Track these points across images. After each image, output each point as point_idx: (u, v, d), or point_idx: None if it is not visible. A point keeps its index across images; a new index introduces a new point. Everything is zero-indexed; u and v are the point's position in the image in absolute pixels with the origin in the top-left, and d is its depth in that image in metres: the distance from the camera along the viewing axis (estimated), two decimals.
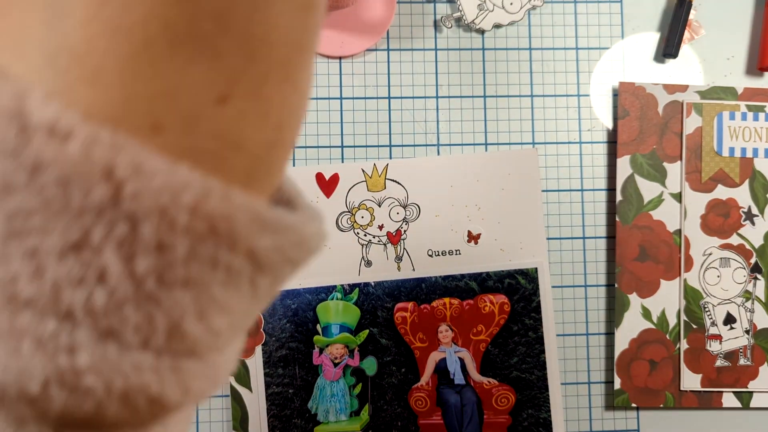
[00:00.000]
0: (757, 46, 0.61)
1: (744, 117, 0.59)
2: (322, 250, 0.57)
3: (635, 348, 0.58)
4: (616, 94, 0.60)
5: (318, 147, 0.58)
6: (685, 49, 0.60)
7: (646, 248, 0.58)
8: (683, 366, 0.58)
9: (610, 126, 0.60)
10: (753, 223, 0.59)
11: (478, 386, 0.58)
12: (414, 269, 0.58)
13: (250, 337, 0.57)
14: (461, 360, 0.58)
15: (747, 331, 0.59)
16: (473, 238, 0.58)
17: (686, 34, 0.60)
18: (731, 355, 0.59)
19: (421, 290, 0.58)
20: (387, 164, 0.58)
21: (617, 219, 0.58)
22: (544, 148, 0.59)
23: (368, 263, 0.58)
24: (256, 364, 0.57)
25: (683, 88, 0.59)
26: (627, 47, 0.60)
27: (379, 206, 0.58)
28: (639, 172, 0.58)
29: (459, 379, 0.58)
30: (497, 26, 0.59)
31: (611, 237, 0.59)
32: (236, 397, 0.57)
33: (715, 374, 0.59)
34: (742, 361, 0.59)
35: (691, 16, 0.59)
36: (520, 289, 0.58)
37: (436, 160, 0.58)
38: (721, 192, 0.59)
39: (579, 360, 0.59)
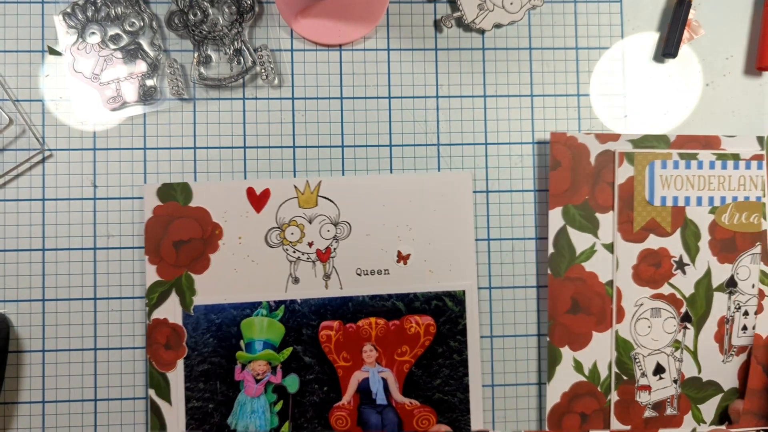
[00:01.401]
0: (755, 46, 0.61)
1: (676, 165, 0.58)
2: (249, 266, 0.56)
3: (566, 402, 0.58)
4: (545, 143, 0.59)
5: (318, 147, 0.58)
6: (684, 48, 0.60)
7: (579, 300, 0.58)
8: (613, 418, 0.58)
9: (609, 126, 0.60)
10: (684, 272, 0.58)
11: (399, 407, 0.57)
12: (342, 287, 0.57)
13: (173, 350, 0.56)
14: (384, 380, 0.57)
15: (675, 381, 0.58)
16: (403, 258, 0.57)
17: (686, 34, 0.60)
18: (659, 406, 0.59)
19: (348, 309, 0.57)
20: (320, 181, 0.57)
21: (549, 272, 0.57)
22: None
23: (296, 280, 0.57)
24: (177, 377, 0.56)
25: (615, 137, 0.58)
26: (627, 47, 0.60)
27: (310, 223, 0.57)
28: (571, 224, 0.58)
29: (381, 399, 0.57)
30: (497, 26, 0.59)
31: (543, 286, 0.59)
32: (155, 410, 0.56)
33: (643, 425, 0.58)
34: (669, 411, 0.59)
35: (690, 16, 0.60)
36: (446, 311, 0.57)
37: (369, 178, 0.58)
38: (654, 242, 0.58)
39: (508, 411, 0.59)
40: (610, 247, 0.58)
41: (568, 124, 0.59)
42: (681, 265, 0.58)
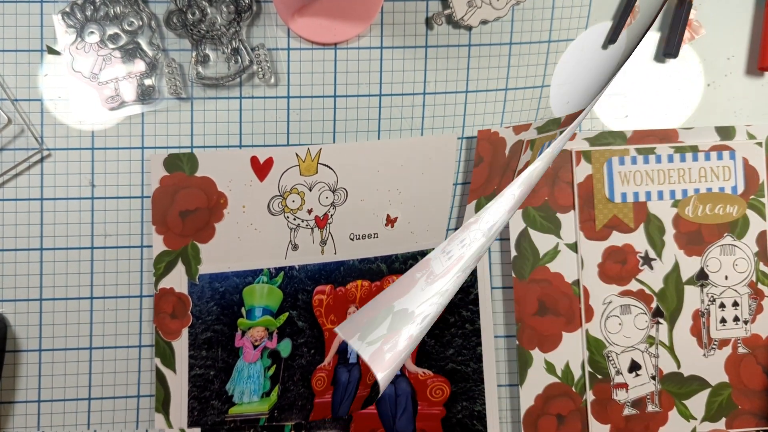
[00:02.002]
0: (756, 46, 0.60)
1: (634, 161, 0.58)
2: (252, 234, 0.56)
3: (541, 404, 0.57)
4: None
5: (312, 145, 0.58)
6: (685, 48, 0.60)
7: (546, 302, 0.57)
8: (591, 418, 0.57)
9: (610, 126, 0.59)
10: (651, 267, 0.58)
11: (413, 377, 0.57)
12: (336, 253, 0.58)
13: (178, 319, 0.56)
14: None
15: (653, 377, 0.58)
16: (391, 221, 0.58)
17: (686, 34, 0.59)
18: (639, 403, 0.58)
19: (340, 273, 0.58)
20: (320, 149, 0.58)
21: (513, 275, 0.57)
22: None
23: (295, 247, 0.57)
24: (181, 346, 0.56)
25: (572, 137, 0.58)
26: None
27: (310, 190, 0.58)
28: (532, 226, 0.57)
29: (354, 358, 0.58)
30: (483, 22, 0.59)
31: (508, 287, 0.59)
32: (161, 379, 0.56)
33: (623, 423, 0.58)
34: (650, 408, 0.58)
35: (691, 16, 0.59)
36: None
37: (367, 145, 0.58)
38: (617, 238, 0.58)
39: None
40: (573, 247, 0.58)
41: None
42: (647, 260, 0.58)
